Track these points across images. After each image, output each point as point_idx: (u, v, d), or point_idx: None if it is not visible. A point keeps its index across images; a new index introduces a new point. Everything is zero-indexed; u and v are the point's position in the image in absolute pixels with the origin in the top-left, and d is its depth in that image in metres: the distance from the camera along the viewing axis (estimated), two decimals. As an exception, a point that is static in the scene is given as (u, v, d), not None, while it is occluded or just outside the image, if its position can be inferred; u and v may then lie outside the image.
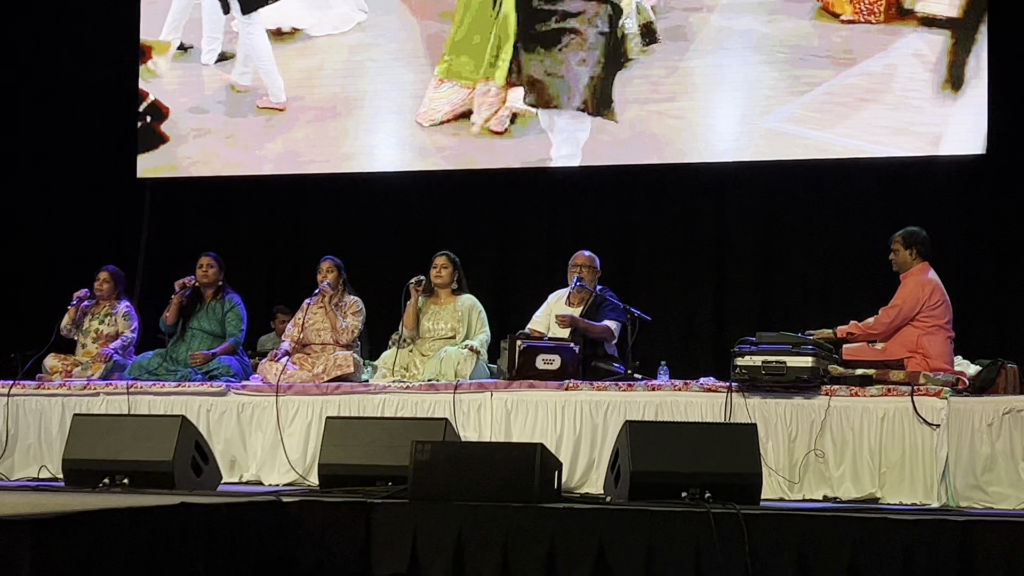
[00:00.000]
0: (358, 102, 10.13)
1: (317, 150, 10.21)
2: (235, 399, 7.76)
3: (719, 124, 9.53)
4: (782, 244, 9.86)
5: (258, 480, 7.57)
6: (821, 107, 9.33)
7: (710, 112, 9.54)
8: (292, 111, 10.26)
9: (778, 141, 9.43)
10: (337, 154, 10.19)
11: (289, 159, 10.26)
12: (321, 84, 10.26)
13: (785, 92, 9.38)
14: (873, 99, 9.20)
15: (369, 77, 10.12)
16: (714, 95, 9.53)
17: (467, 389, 7.41)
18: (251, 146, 10.33)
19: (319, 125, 10.20)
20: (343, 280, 8.32)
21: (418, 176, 10.19)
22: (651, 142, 9.61)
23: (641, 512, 5.28)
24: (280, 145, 10.27)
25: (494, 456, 5.69)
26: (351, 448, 6.34)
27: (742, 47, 9.47)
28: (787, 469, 6.87)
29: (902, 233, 7.46)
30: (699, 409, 7.06)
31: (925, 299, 7.21)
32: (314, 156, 10.22)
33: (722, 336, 9.49)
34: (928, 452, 6.71)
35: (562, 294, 8.18)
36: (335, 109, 10.17)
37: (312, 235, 10.50)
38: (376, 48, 10.16)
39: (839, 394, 6.91)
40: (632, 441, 5.85)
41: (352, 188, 10.37)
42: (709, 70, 9.53)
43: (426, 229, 10.42)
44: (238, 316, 8.39)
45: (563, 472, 6.17)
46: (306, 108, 10.23)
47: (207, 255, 8.49)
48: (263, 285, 10.53)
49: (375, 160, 10.18)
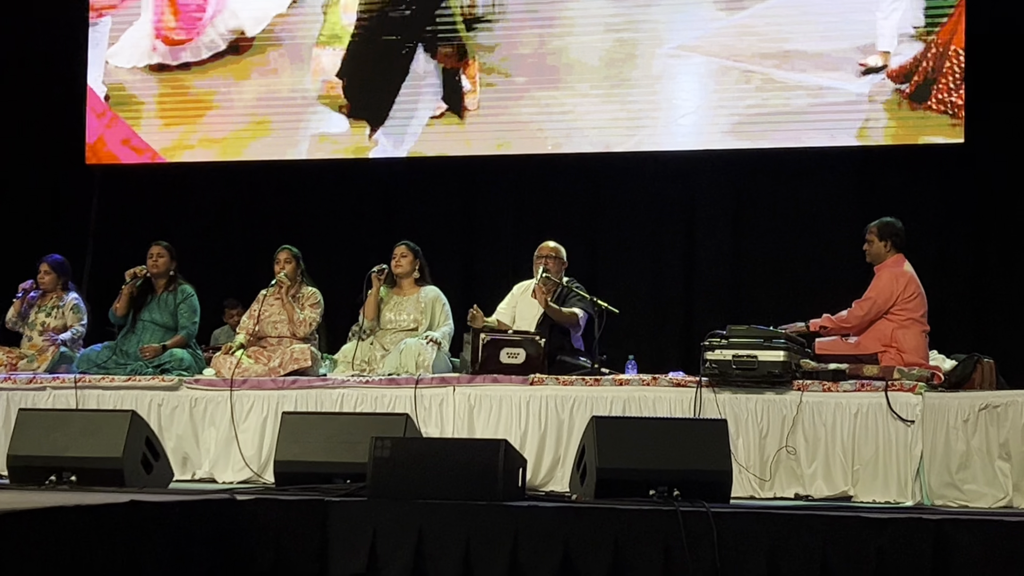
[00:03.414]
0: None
1: (274, 134, 10.16)
2: (187, 393, 7.72)
3: (687, 110, 9.56)
4: (753, 235, 9.90)
5: (211, 478, 7.53)
6: (793, 91, 9.40)
7: (677, 98, 9.58)
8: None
9: (749, 128, 9.46)
10: (293, 138, 10.15)
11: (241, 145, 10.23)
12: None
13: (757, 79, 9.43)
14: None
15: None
16: (682, 80, 9.57)
17: (429, 384, 7.40)
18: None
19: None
20: (301, 270, 8.29)
21: (377, 163, 10.17)
22: (618, 128, 9.64)
23: (608, 511, 5.27)
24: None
25: (456, 453, 5.68)
26: (308, 444, 6.31)
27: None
28: (758, 466, 6.89)
29: (877, 224, 7.49)
30: (668, 404, 7.06)
31: (900, 292, 7.24)
32: (270, 141, 10.17)
33: (691, 329, 9.53)
34: (902, 449, 6.74)
35: (527, 285, 8.19)
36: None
37: (268, 223, 10.46)
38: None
39: (811, 389, 6.93)
40: (599, 437, 5.85)
41: (309, 175, 10.34)
42: (676, 57, 9.58)
43: (386, 218, 10.40)
44: (191, 308, 8.34)
45: (528, 469, 6.15)
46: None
47: (158, 244, 8.42)
48: (217, 276, 10.49)
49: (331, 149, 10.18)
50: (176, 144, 10.45)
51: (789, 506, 6.04)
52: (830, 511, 5.35)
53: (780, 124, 9.42)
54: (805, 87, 9.38)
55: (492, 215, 10.38)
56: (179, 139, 10.45)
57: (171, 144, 10.46)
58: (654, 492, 5.64)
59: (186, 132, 10.45)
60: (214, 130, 10.40)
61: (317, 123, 10.24)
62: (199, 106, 10.43)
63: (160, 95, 10.49)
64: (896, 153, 9.36)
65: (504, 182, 10.32)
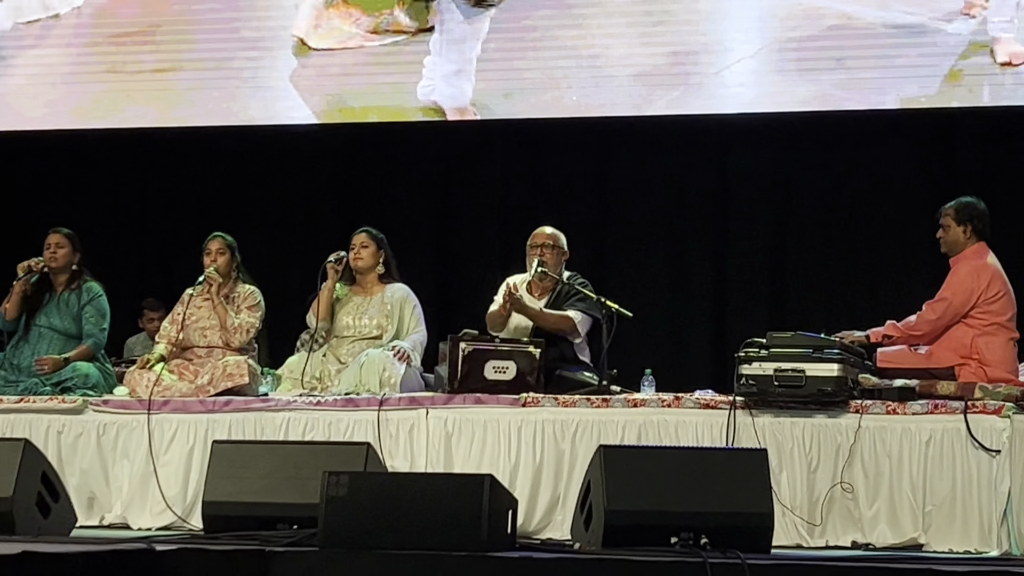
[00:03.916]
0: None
1: (198, 97, 10.18)
2: (95, 418, 7.70)
3: (722, 65, 9.59)
4: (800, 220, 9.91)
5: (124, 523, 7.52)
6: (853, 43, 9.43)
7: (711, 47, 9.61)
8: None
9: (795, 88, 9.48)
10: (224, 104, 10.17)
11: (162, 111, 10.22)
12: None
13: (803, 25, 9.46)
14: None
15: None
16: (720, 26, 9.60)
17: (395, 405, 7.39)
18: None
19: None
20: (236, 264, 8.28)
21: (331, 130, 10.17)
22: (636, 87, 9.65)
23: (619, 563, 5.27)
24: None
25: (430, 491, 5.66)
26: (245, 481, 6.30)
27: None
28: (806, 508, 6.89)
29: (954, 205, 7.47)
30: (694, 430, 7.07)
31: (981, 290, 7.24)
32: (194, 105, 10.18)
33: (723, 338, 9.54)
34: (986, 486, 6.74)
35: (522, 281, 8.18)
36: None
37: (195, 206, 10.45)
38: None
39: (872, 411, 6.93)
40: (607, 472, 5.84)
41: (247, 144, 10.34)
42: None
43: (342, 200, 10.40)
44: (98, 311, 8.32)
45: (519, 512, 6.15)
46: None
47: (57, 231, 8.40)
48: (132, 271, 10.47)
49: (274, 111, 10.17)
50: (78, 108, 10.43)
51: (845, 556, 6.05)
52: (896, 563, 5.35)
53: (839, 74, 9.40)
54: (884, 28, 9.36)
55: (475, 195, 10.36)
56: (80, 101, 10.43)
57: (73, 107, 10.44)
58: (676, 540, 5.63)
59: (89, 92, 10.43)
60: (125, 89, 10.38)
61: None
62: (106, 60, 10.42)
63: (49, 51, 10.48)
64: (989, 118, 9.36)
65: (490, 153, 10.31)
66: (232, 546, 5.58)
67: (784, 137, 9.85)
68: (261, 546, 5.52)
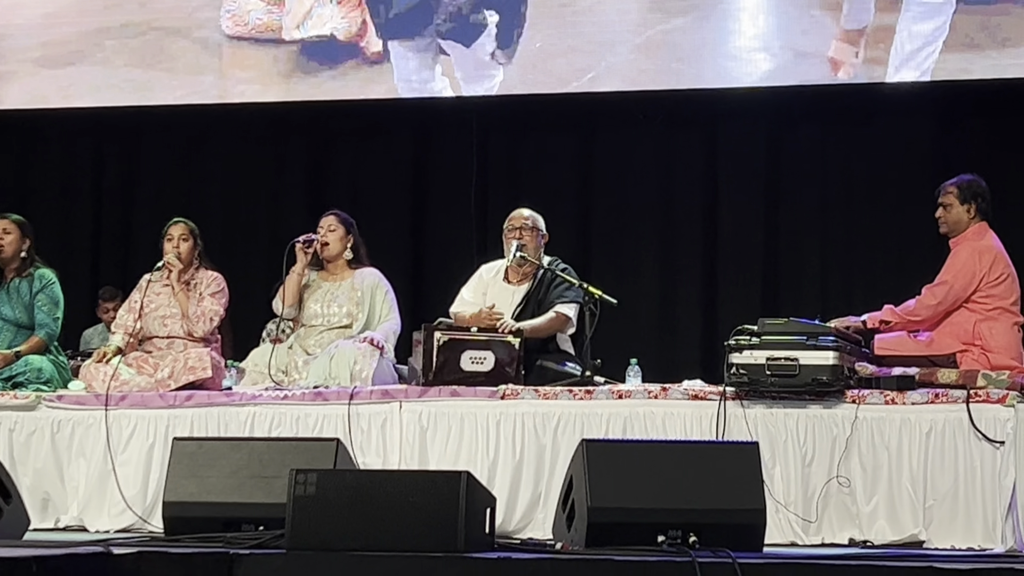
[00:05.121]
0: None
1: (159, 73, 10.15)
2: (48, 414, 7.68)
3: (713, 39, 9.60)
4: (793, 201, 9.92)
5: (81, 525, 7.52)
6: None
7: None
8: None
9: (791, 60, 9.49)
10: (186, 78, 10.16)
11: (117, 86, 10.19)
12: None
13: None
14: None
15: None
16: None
17: (367, 398, 7.38)
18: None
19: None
20: (199, 251, 8.25)
21: (296, 108, 10.16)
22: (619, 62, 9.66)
23: (603, 563, 5.27)
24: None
25: (403, 489, 5.66)
26: (207, 480, 6.30)
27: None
28: (801, 504, 6.90)
29: (956, 182, 7.46)
30: (681, 423, 7.06)
31: (984, 272, 7.25)
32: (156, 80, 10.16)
33: (713, 325, 9.55)
34: (989, 479, 6.75)
35: (498, 267, 8.17)
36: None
37: (152, 189, 10.44)
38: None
39: (870, 401, 6.94)
40: (591, 467, 5.84)
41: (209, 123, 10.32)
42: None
43: (309, 182, 10.39)
44: (51, 299, 8.29)
45: (498, 510, 6.16)
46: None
47: (4, 217, 8.37)
48: (86, 258, 10.45)
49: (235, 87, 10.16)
50: (27, 88, 10.41)
51: (842, 554, 6.05)
52: (896, 561, 5.36)
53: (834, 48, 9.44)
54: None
55: (449, 175, 10.36)
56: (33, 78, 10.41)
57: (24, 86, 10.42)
58: (664, 539, 5.65)
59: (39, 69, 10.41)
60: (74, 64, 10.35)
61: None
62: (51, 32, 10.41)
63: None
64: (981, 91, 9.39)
65: (465, 131, 10.30)
66: (194, 548, 5.58)
67: (776, 113, 9.85)
68: (225, 548, 5.51)
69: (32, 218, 8.53)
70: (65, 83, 10.31)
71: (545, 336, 7.86)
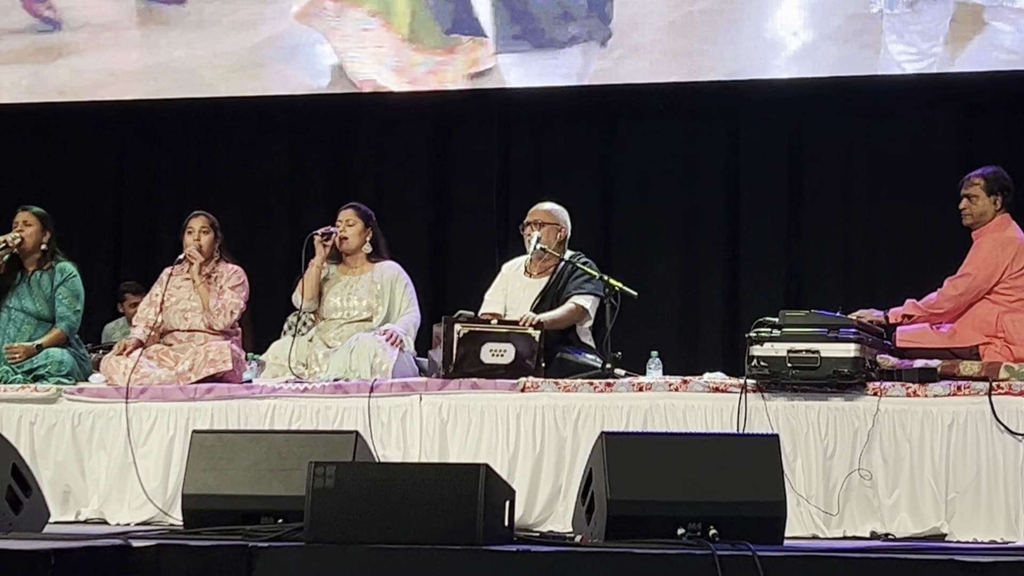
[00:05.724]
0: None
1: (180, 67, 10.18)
2: (69, 407, 7.71)
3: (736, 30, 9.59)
4: (816, 193, 9.90)
5: (101, 518, 7.54)
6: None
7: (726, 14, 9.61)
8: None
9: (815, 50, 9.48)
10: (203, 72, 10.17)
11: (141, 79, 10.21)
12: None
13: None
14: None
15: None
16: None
17: (387, 391, 7.39)
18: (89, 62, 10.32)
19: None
20: (219, 244, 8.27)
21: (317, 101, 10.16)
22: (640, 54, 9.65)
23: (623, 556, 5.26)
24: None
25: (423, 482, 5.66)
26: (227, 473, 6.32)
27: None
28: (822, 496, 6.90)
29: (982, 173, 7.42)
30: (702, 415, 7.07)
31: (1007, 263, 7.22)
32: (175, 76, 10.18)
33: (734, 318, 9.54)
34: (1012, 471, 6.74)
35: (520, 263, 8.17)
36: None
37: (174, 183, 10.45)
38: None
39: (892, 394, 6.93)
40: (610, 460, 5.84)
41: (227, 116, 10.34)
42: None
43: (329, 176, 10.39)
44: (72, 292, 8.31)
45: (518, 503, 6.16)
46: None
47: (25, 210, 8.39)
48: (108, 252, 10.47)
49: (260, 79, 10.17)
50: (52, 79, 10.43)
51: (863, 547, 6.03)
52: (917, 554, 5.35)
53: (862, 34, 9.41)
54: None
55: (471, 168, 10.36)
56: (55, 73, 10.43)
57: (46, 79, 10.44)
58: (683, 531, 5.64)
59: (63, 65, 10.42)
60: (97, 61, 10.37)
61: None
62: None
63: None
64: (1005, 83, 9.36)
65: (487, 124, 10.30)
66: (213, 541, 5.59)
67: (799, 104, 9.83)
68: (244, 541, 5.51)
69: (54, 211, 8.55)
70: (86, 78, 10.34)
71: (564, 328, 7.85)
